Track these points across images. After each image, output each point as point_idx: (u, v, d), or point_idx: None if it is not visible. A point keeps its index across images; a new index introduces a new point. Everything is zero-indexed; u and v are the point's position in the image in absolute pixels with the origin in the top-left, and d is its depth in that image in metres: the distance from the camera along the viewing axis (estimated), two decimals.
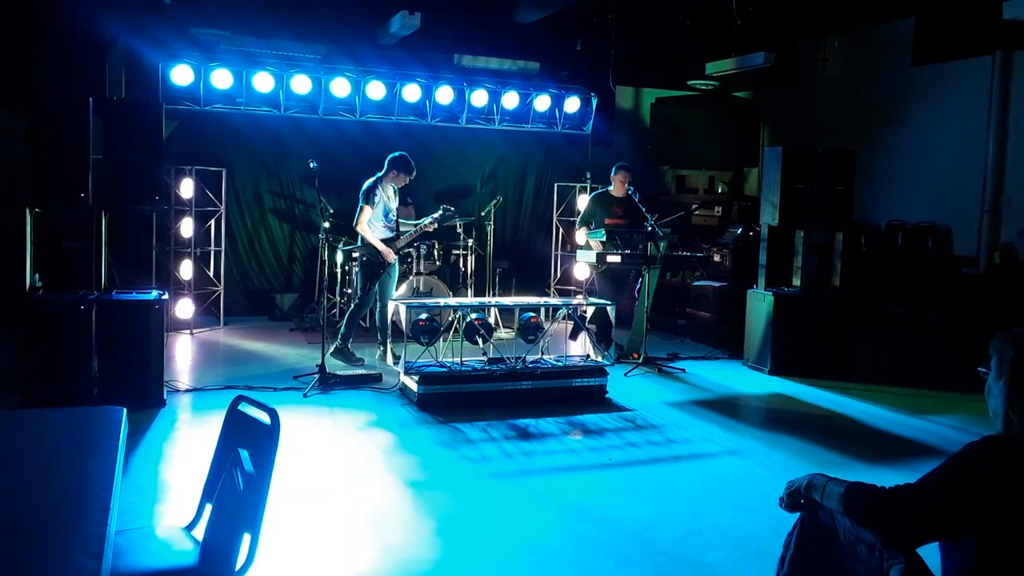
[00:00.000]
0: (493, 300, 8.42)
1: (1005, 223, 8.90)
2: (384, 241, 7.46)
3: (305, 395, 6.39)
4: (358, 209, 7.38)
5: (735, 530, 4.10)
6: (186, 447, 5.17)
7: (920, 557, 2.26)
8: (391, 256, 7.46)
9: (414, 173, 7.57)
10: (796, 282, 7.98)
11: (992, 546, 2.10)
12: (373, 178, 7.45)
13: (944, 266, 8.92)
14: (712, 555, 3.80)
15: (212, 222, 9.22)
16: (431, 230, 7.91)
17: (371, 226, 7.40)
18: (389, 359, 7.35)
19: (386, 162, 7.51)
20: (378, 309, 7.79)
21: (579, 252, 8.41)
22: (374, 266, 7.45)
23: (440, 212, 7.77)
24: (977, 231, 9.03)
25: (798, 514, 2.54)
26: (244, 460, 2.31)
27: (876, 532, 2.27)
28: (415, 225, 7.91)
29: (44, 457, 2.51)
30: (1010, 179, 8.90)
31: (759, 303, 7.90)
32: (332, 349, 7.36)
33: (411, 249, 8.72)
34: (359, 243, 7.57)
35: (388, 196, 7.52)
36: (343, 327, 7.50)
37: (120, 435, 2.65)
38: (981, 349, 2.34)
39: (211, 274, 9.32)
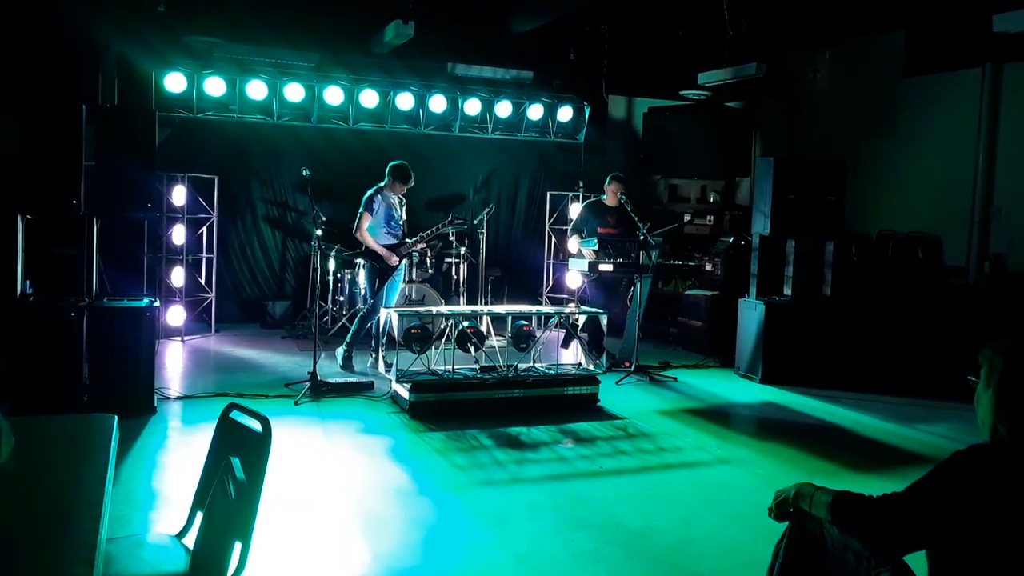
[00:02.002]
0: (485, 308, 8.43)
1: (994, 233, 8.96)
2: (387, 247, 7.53)
3: (297, 403, 6.38)
4: (358, 216, 7.51)
5: (726, 538, 4.11)
6: (177, 454, 5.15)
7: (907, 565, 2.27)
8: (393, 259, 7.54)
9: (411, 182, 7.67)
10: (787, 291, 8.01)
11: (979, 555, 2.11)
12: (375, 187, 7.59)
13: (934, 276, 8.96)
14: (703, 564, 3.81)
15: (204, 229, 9.21)
16: (436, 240, 8.00)
17: (372, 233, 7.50)
18: (381, 367, 7.36)
19: (387, 170, 7.64)
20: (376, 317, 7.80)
21: (571, 260, 8.43)
22: (380, 271, 7.55)
23: (449, 219, 7.82)
24: (967, 241, 9.08)
25: (787, 523, 2.55)
26: (236, 468, 2.31)
27: (863, 541, 2.28)
28: (428, 232, 7.93)
29: (34, 465, 2.50)
30: (999, 190, 8.96)
31: (750, 312, 7.93)
32: (342, 352, 7.58)
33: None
34: (360, 250, 7.69)
35: (392, 204, 7.64)
36: (351, 332, 7.60)
37: (111, 442, 2.64)
38: (970, 358, 2.36)
39: (203, 281, 9.30)
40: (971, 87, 9.12)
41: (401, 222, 7.74)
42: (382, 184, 7.62)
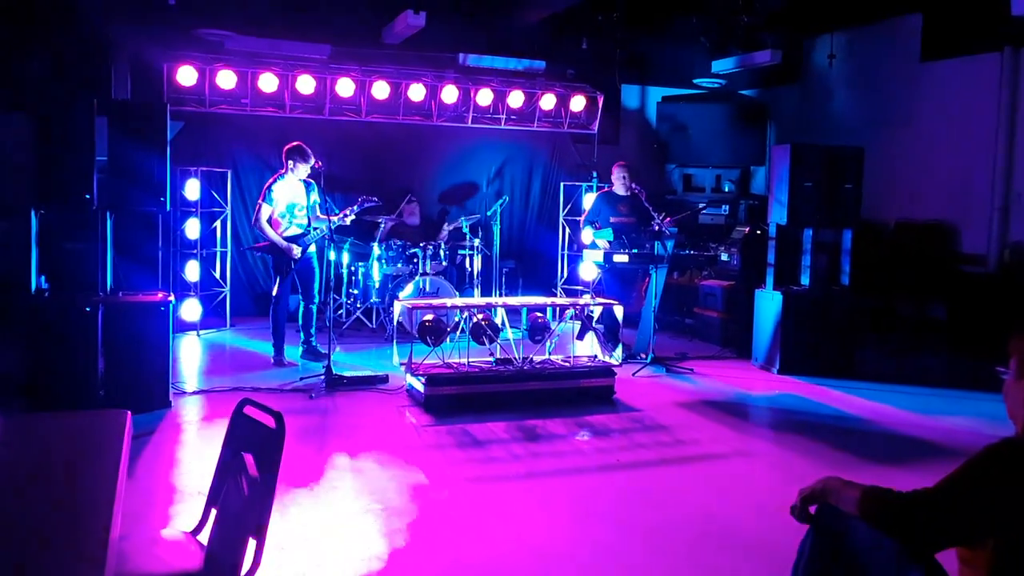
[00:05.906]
0: (500, 300, 8.38)
1: (1015, 220, 8.83)
2: (290, 239, 7.33)
3: (311, 397, 6.36)
4: (256, 207, 7.28)
5: (746, 533, 4.06)
6: (191, 450, 5.14)
7: (939, 563, 2.21)
8: (295, 252, 7.32)
9: (311, 159, 7.29)
10: (805, 281, 7.92)
11: (1010, 552, 2.05)
12: (276, 177, 7.33)
13: (953, 264, 8.86)
14: (723, 558, 3.76)
15: (218, 223, 9.21)
16: (348, 223, 7.73)
17: (274, 223, 7.26)
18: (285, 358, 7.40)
19: (283, 155, 7.37)
20: (302, 308, 7.68)
21: (586, 252, 8.37)
22: (280, 263, 7.36)
23: (356, 205, 7.59)
24: (987, 229, 8.96)
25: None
26: (249, 465, 2.28)
27: (893, 538, 2.22)
28: (335, 220, 7.76)
29: (48, 461, 2.48)
30: (1019, 176, 8.83)
31: (768, 302, 7.84)
32: (301, 352, 7.52)
33: (417, 249, 8.71)
34: (259, 243, 7.42)
35: (295, 192, 7.36)
36: (303, 336, 7.55)
37: (124, 438, 2.62)
38: (990, 347, 2.30)
39: (217, 275, 9.30)
40: (990, 72, 8.99)
41: (302, 209, 7.39)
42: (282, 171, 7.32)
